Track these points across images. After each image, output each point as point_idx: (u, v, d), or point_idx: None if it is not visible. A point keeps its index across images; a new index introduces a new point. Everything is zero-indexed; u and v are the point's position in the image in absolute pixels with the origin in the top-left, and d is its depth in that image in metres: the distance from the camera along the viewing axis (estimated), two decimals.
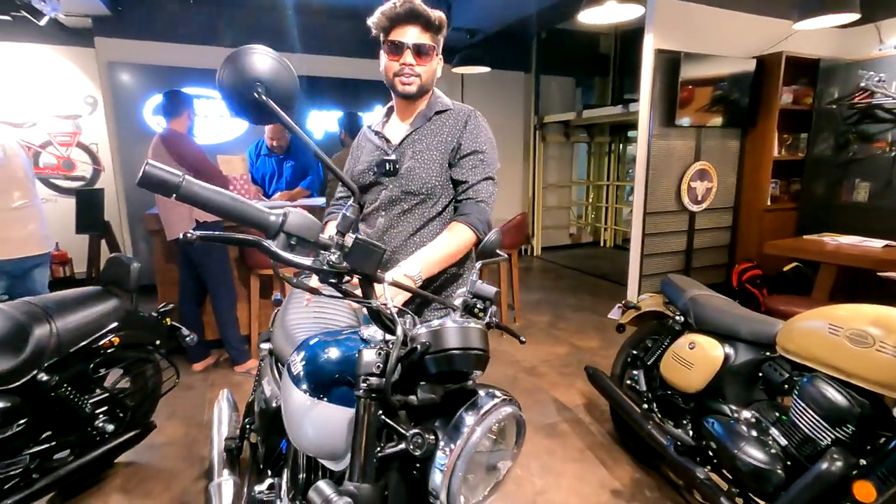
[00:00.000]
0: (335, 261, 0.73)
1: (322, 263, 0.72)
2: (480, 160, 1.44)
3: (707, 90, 3.88)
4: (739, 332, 1.80)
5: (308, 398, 0.85)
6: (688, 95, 3.79)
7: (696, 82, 3.79)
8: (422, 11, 1.35)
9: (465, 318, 0.86)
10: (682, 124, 3.85)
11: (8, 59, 4.67)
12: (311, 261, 0.73)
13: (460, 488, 0.71)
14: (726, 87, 3.94)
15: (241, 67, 0.74)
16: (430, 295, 1.02)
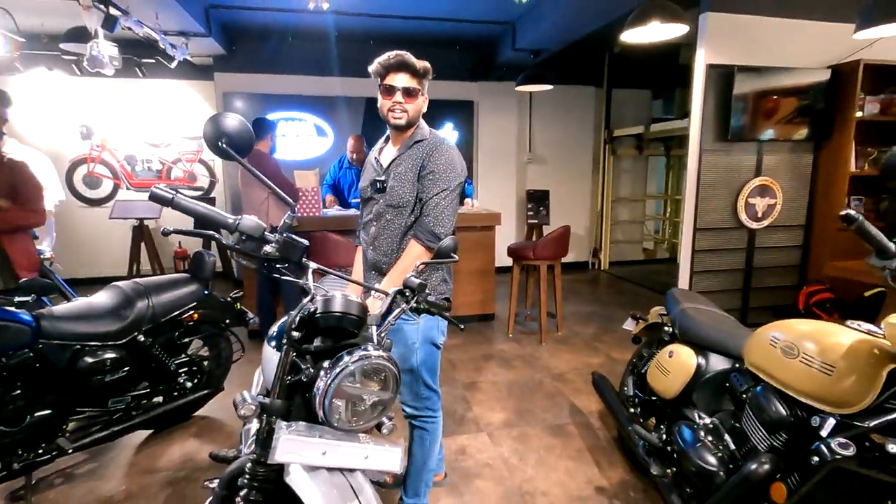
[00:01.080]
0: (270, 251, 1.09)
1: (263, 252, 1.09)
2: (431, 180, 1.71)
3: (770, 103, 3.74)
4: (714, 343, 1.87)
5: (267, 347, 1.21)
6: (745, 109, 3.69)
7: (754, 96, 3.67)
8: (410, 62, 1.71)
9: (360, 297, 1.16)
10: (739, 139, 3.75)
11: (150, 92, 5.81)
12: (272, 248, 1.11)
13: (333, 409, 1.01)
14: (794, 99, 3.76)
15: (214, 126, 1.13)
16: (366, 284, 1.34)
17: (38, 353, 2.00)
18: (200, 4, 4.57)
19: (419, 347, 1.79)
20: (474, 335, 4.19)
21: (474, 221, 4.30)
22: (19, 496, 2.05)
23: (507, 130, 6.40)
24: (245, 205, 3.62)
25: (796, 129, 3.85)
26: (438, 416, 1.91)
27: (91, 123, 5.77)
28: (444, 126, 6.18)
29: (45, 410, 2.04)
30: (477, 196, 6.41)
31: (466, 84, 6.22)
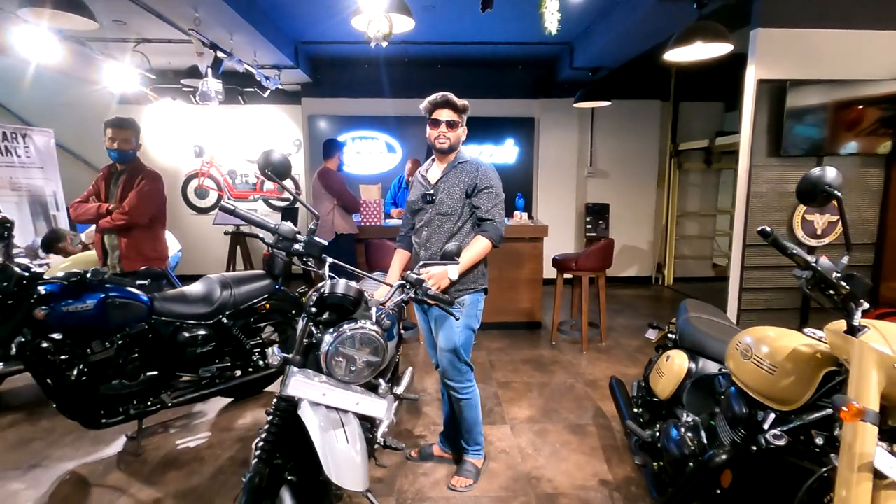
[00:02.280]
0: (297, 248, 1.49)
1: (292, 249, 1.50)
2: (490, 193, 2.22)
3: (832, 117, 3.62)
4: (706, 349, 2.00)
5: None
6: (801, 124, 3.61)
7: (812, 110, 3.59)
8: (452, 101, 2.19)
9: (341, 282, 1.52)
10: (793, 154, 3.67)
11: (249, 116, 6.72)
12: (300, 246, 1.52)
13: (334, 364, 1.37)
14: (863, 111, 3.61)
15: (264, 158, 1.56)
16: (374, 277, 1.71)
17: (150, 326, 2.59)
18: (290, 42, 5.30)
19: (461, 331, 2.21)
20: (518, 341, 4.42)
21: (523, 233, 4.54)
22: (132, 437, 2.65)
23: (568, 145, 6.55)
24: None
25: (867, 143, 3.68)
26: (474, 385, 2.33)
27: (202, 143, 6.82)
28: (505, 141, 6.49)
29: (154, 371, 2.63)
30: (535, 209, 6.62)
31: (528, 101, 6.48)
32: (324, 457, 1.25)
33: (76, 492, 2.26)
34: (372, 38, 3.48)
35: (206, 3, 3.61)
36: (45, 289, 2.20)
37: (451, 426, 2.52)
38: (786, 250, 1.31)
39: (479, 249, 2.16)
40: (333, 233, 4.05)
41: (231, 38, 4.36)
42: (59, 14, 3.11)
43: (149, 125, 6.73)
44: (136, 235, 3.09)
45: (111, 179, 3.15)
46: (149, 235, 3.16)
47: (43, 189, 4.36)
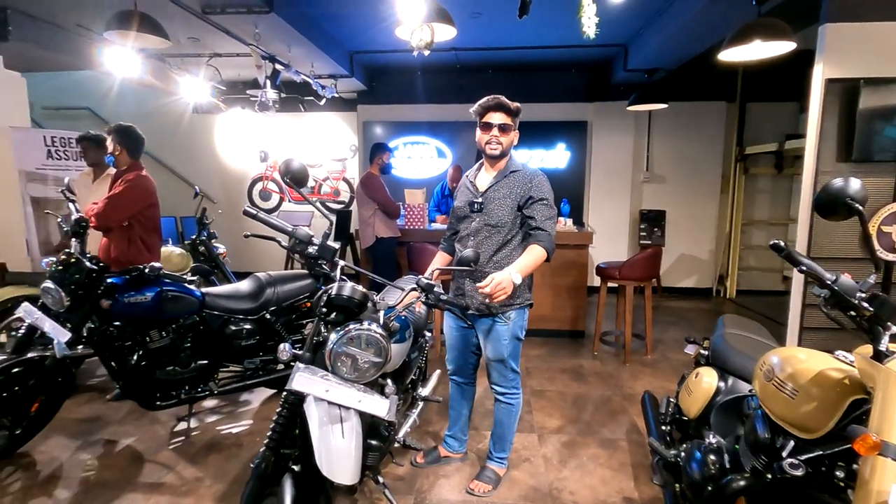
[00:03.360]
0: (312, 251, 1.57)
1: (307, 252, 1.59)
2: (545, 205, 2.14)
3: None
4: (737, 368, 1.88)
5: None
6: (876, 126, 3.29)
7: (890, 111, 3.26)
8: (505, 103, 2.14)
9: None
10: (866, 159, 3.34)
11: (309, 123, 7.07)
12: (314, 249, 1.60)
13: (339, 362, 1.44)
14: None
15: (285, 167, 1.66)
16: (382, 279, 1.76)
17: (201, 318, 2.82)
18: (345, 52, 5.54)
19: (508, 342, 2.20)
20: (559, 349, 4.34)
21: (567, 240, 4.45)
22: (183, 418, 2.89)
23: (622, 149, 6.34)
24: (359, 218, 4.34)
25: None
26: (520, 393, 2.33)
27: (267, 149, 7.26)
28: (556, 146, 6.39)
29: (203, 361, 2.84)
30: (587, 215, 6.46)
31: (581, 105, 6.35)
32: (318, 449, 1.32)
33: (131, 465, 2.50)
34: (415, 47, 3.58)
35: (265, 20, 3.87)
36: (110, 281, 2.46)
37: (458, 425, 2.53)
38: (800, 265, 1.22)
39: (535, 257, 2.05)
40: (374, 237, 4.18)
41: (289, 50, 4.63)
42: (138, 35, 3.46)
43: (220, 133, 7.27)
44: (111, 237, 3.01)
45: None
46: (122, 238, 2.98)
47: None
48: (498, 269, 2.10)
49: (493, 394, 2.34)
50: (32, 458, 2.54)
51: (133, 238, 3.01)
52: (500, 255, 2.17)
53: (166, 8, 3.73)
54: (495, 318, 2.19)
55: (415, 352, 2.27)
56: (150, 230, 3.11)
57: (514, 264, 2.02)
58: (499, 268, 2.11)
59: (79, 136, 3.62)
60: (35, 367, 2.41)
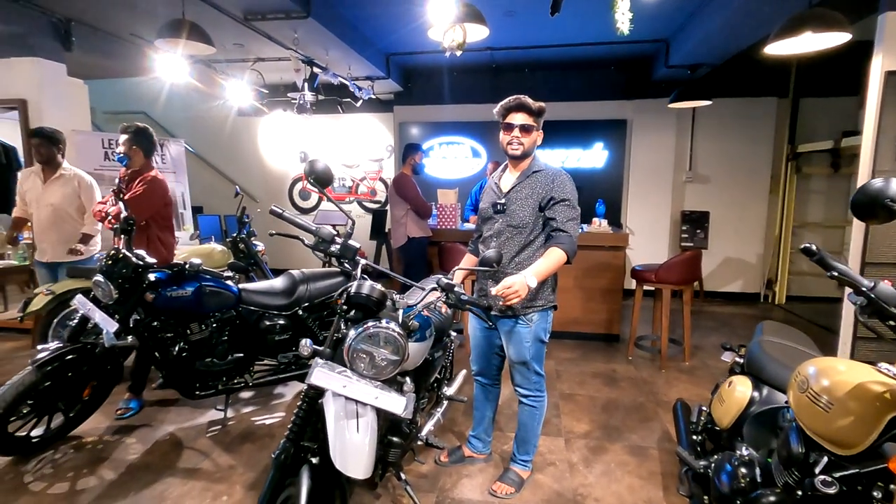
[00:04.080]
0: (333, 250, 1.61)
1: (328, 251, 1.63)
2: (567, 205, 2.10)
3: None
4: (772, 377, 1.79)
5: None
6: None
7: None
8: (526, 104, 2.12)
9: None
10: None
11: (347, 124, 7.21)
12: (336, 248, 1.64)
13: (356, 359, 1.47)
14: None
15: (310, 167, 1.70)
16: (405, 279, 1.77)
17: (238, 313, 2.93)
18: (381, 54, 5.62)
19: (531, 345, 2.18)
20: (592, 353, 4.25)
21: (602, 241, 4.36)
22: (220, 409, 3.02)
23: (664, 148, 6.13)
24: (391, 218, 4.39)
25: None
26: (544, 396, 2.31)
27: (307, 150, 7.47)
28: (594, 145, 6.25)
29: (239, 354, 2.96)
30: (625, 216, 6.29)
31: (620, 103, 6.19)
32: (332, 443, 1.35)
33: (171, 451, 2.64)
34: (447, 47, 3.60)
35: (303, 25, 3.99)
36: (154, 276, 2.60)
37: (482, 426, 2.52)
38: (832, 271, 1.14)
39: (554, 260, 2.02)
40: (406, 237, 4.23)
41: (327, 53, 4.75)
42: (186, 43, 3.64)
43: (263, 134, 7.54)
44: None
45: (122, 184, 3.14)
46: (141, 238, 3.02)
47: (175, 191, 5.11)
48: (520, 270, 2.10)
49: (517, 396, 2.33)
50: (84, 440, 2.72)
51: (151, 237, 3.08)
52: (522, 256, 2.15)
53: (212, 16, 3.91)
54: (517, 319, 2.17)
55: (438, 351, 2.29)
56: (166, 228, 3.19)
57: (530, 267, 2.01)
58: (521, 269, 2.10)
59: (33, 131, 3.43)
60: (87, 354, 2.58)
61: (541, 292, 2.16)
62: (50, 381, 2.46)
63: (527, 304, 2.14)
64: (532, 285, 1.93)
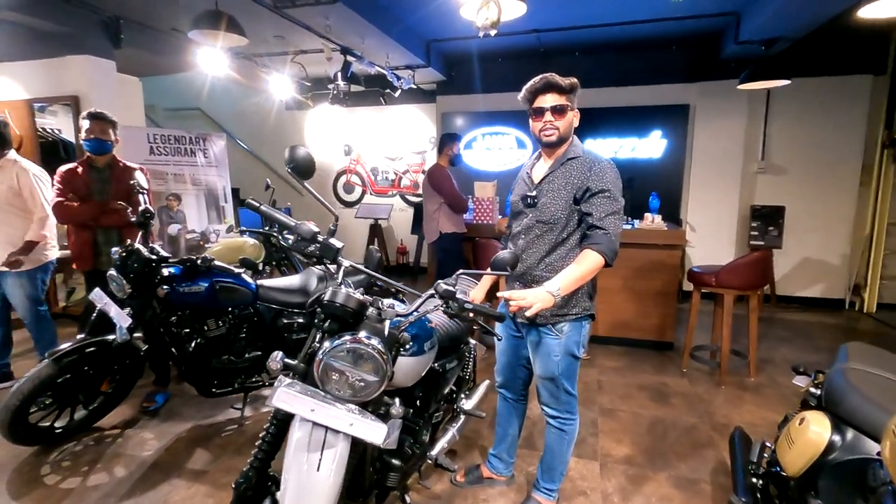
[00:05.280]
0: (312, 250, 1.40)
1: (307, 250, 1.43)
2: (607, 197, 1.77)
3: None
4: (861, 419, 1.41)
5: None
6: None
7: None
8: (555, 82, 1.80)
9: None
10: None
11: (390, 116, 7.08)
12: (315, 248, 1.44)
13: (326, 377, 1.27)
14: None
15: (290, 154, 1.50)
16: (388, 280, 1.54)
17: (255, 310, 2.84)
18: (421, 41, 5.40)
19: (560, 359, 1.90)
20: (641, 362, 3.85)
21: (655, 238, 3.93)
22: (237, 408, 2.95)
23: (732, 135, 5.50)
24: (424, 212, 4.17)
25: None
26: (576, 418, 2.02)
27: (351, 143, 7.42)
28: (650, 133, 5.73)
29: (257, 351, 2.87)
30: (686, 210, 5.74)
31: (682, 86, 5.62)
32: (284, 479, 1.15)
33: (184, 450, 2.58)
34: (480, 27, 3.32)
35: (333, 11, 3.84)
36: (167, 271, 2.53)
37: (504, 445, 2.26)
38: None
39: (588, 266, 1.71)
40: (438, 232, 3.99)
41: (363, 41, 4.59)
42: (219, 34, 3.60)
43: (309, 128, 7.57)
44: (134, 231, 2.84)
45: (92, 175, 2.98)
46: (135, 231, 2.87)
47: (216, 184, 5.18)
48: (551, 272, 1.82)
49: (544, 416, 2.05)
50: (105, 433, 2.73)
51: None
52: (554, 256, 1.85)
53: (245, 6, 3.85)
54: (546, 329, 1.89)
55: (452, 361, 2.05)
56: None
57: (557, 277, 1.71)
58: (552, 271, 1.83)
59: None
60: (105, 348, 2.56)
61: (573, 299, 1.86)
62: (68, 375, 2.46)
63: (556, 311, 1.85)
64: (557, 297, 1.64)
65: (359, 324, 1.37)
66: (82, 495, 2.21)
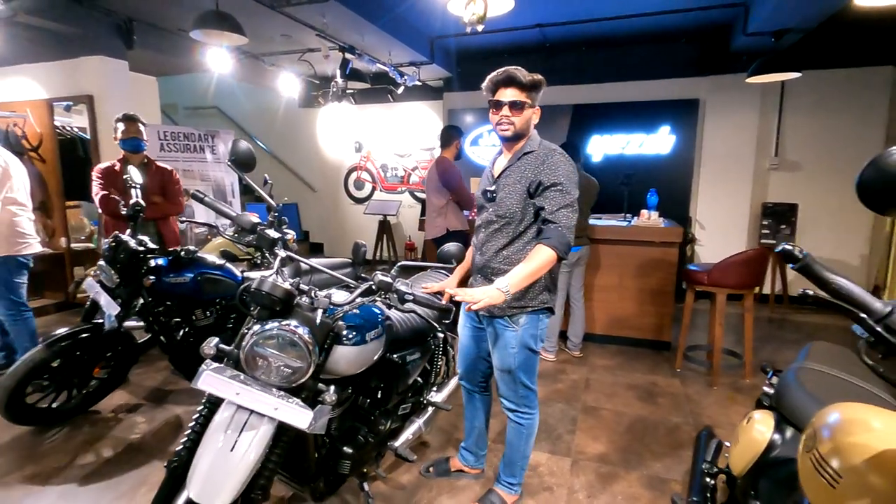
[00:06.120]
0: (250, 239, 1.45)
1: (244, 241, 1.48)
2: (559, 191, 1.77)
3: None
4: (798, 416, 1.37)
5: None
6: None
7: None
8: (516, 77, 1.80)
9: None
10: None
11: (398, 113, 7.13)
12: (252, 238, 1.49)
13: (251, 362, 1.32)
14: None
15: (232, 148, 1.55)
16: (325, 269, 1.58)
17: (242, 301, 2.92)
18: (424, 38, 5.42)
19: (517, 352, 1.91)
20: (634, 360, 3.79)
21: (651, 236, 3.86)
22: None
23: (744, 130, 5.34)
24: (428, 208, 4.14)
25: None
26: (535, 413, 2.03)
27: (361, 140, 7.51)
28: (659, 129, 5.61)
29: None
30: (695, 208, 5.60)
31: (691, 80, 5.48)
32: (197, 456, 1.20)
33: (169, 434, 2.69)
34: (467, 22, 3.32)
35: (328, 8, 3.90)
36: (153, 262, 2.64)
37: (472, 438, 2.27)
38: (827, 285, 0.76)
39: (539, 262, 1.71)
40: (445, 229, 3.91)
41: (363, 39, 4.64)
42: (218, 33, 3.71)
43: (321, 125, 7.69)
44: (168, 223, 3.41)
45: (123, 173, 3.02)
46: (169, 221, 3.46)
47: (224, 181, 5.34)
48: (509, 264, 1.84)
49: (503, 409, 2.05)
50: (100, 416, 2.86)
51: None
52: (511, 249, 1.87)
53: (246, 6, 3.95)
54: (502, 321, 1.90)
55: (414, 354, 2.07)
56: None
57: (507, 275, 1.71)
58: (510, 264, 1.84)
59: None
60: (97, 335, 2.69)
61: (531, 292, 1.86)
62: (60, 359, 2.59)
63: (514, 304, 1.85)
64: (507, 294, 1.64)
65: (287, 313, 1.41)
66: (68, 473, 2.33)
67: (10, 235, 3.02)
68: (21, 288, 3.14)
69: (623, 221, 4.18)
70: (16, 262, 3.07)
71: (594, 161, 5.84)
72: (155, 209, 3.29)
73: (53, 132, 4.81)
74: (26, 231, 3.11)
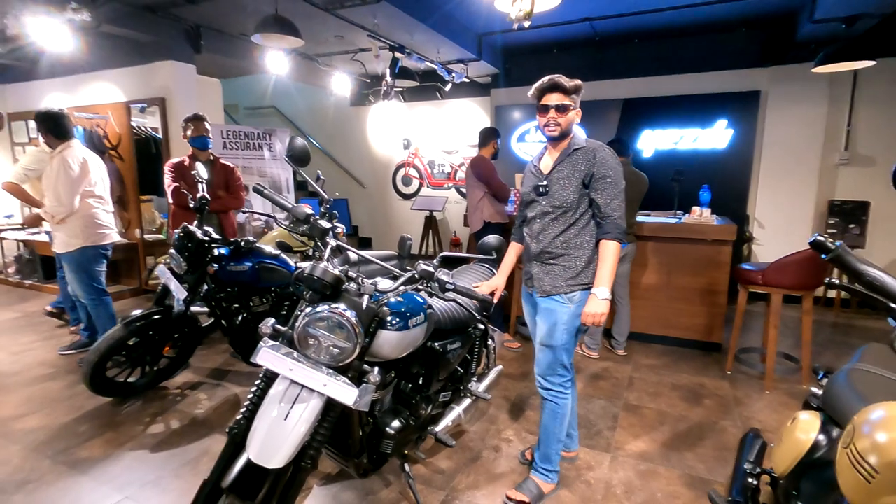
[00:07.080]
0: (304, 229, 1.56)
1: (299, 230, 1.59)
2: (609, 182, 1.99)
3: None
4: (845, 418, 1.33)
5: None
6: None
7: None
8: (560, 83, 2.00)
9: None
10: None
11: (447, 110, 7.21)
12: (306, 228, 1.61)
13: (304, 341, 1.43)
14: None
15: (288, 144, 1.67)
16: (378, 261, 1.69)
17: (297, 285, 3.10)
18: (472, 35, 5.47)
19: (567, 328, 2.05)
20: (681, 361, 3.70)
21: (703, 234, 3.74)
22: None
23: (810, 124, 5.03)
24: (468, 202, 4.24)
25: None
26: (569, 393, 2.14)
27: (410, 136, 7.66)
28: (714, 123, 5.39)
29: None
30: (753, 205, 5.35)
31: (752, 71, 5.22)
32: (255, 424, 1.31)
33: (228, 410, 2.90)
34: (514, 18, 3.34)
35: (379, 9, 4.02)
36: (217, 251, 2.85)
37: None
38: (861, 277, 0.76)
39: (612, 257, 1.97)
40: (482, 221, 4.04)
41: (412, 37, 4.75)
42: (278, 36, 3.92)
43: (371, 123, 7.90)
44: (229, 216, 3.72)
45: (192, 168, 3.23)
46: (230, 215, 3.77)
47: (280, 176, 5.62)
48: (566, 249, 2.03)
49: (539, 389, 2.16)
50: (169, 391, 3.12)
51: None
52: (568, 234, 2.05)
53: (302, 9, 4.15)
54: (558, 297, 2.04)
55: (455, 343, 2.15)
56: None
57: (597, 281, 1.95)
58: (567, 248, 2.03)
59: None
60: (167, 316, 2.94)
61: (586, 270, 2.03)
62: (136, 337, 2.86)
63: (572, 281, 2.02)
64: (608, 296, 1.92)
65: (336, 297, 1.51)
66: (141, 440, 2.57)
67: (88, 227, 3.32)
68: (101, 275, 3.46)
69: (673, 218, 4.06)
70: (95, 251, 3.36)
71: (645, 156, 5.69)
72: (219, 203, 3.56)
73: (130, 132, 5.24)
74: (104, 222, 3.41)
